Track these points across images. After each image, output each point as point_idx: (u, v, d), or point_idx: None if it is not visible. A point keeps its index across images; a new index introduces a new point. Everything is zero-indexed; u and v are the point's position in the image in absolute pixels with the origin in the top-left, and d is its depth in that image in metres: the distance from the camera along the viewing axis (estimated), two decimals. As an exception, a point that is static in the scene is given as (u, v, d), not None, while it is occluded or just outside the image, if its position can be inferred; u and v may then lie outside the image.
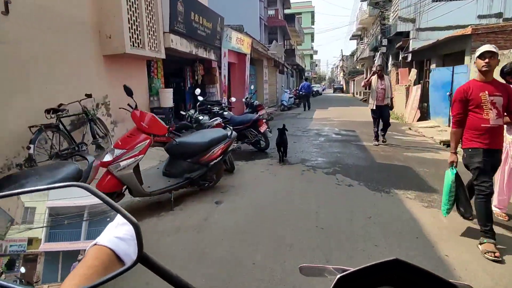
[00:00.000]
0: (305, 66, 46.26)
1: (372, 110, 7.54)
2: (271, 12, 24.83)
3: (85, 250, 0.53)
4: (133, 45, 5.98)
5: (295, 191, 4.24)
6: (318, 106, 19.93)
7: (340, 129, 9.85)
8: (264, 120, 6.59)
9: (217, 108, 7.24)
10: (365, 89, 9.43)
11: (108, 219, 0.56)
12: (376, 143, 7.35)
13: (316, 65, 74.27)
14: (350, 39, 48.85)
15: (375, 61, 18.37)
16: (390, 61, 18.91)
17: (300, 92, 19.86)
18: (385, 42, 17.69)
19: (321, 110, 17.79)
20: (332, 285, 0.54)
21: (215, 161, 3.98)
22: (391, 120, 11.33)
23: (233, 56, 12.48)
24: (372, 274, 0.55)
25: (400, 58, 19.19)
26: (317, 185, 4.46)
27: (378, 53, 17.79)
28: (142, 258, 0.52)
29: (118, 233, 0.53)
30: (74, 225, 0.59)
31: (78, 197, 0.56)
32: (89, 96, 5.03)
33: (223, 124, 5.21)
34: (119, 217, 0.54)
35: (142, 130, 3.45)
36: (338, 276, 0.54)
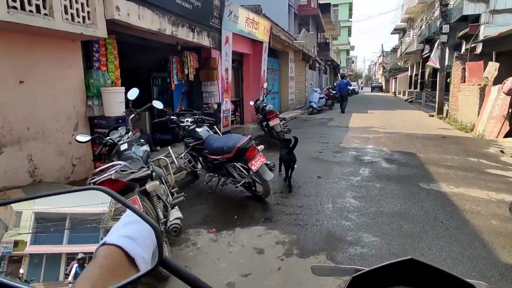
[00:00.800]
0: (340, 62, 42.21)
1: None
2: (303, 2, 21.49)
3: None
4: (20, 8, 3.26)
5: None
6: (355, 108, 16.44)
7: (392, 150, 6.56)
8: (257, 149, 3.59)
9: (189, 120, 4.37)
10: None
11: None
12: None
13: (353, 62, 69.14)
14: (392, 33, 44.60)
15: (431, 54, 14.52)
16: (447, 53, 14.92)
17: (337, 92, 16.47)
18: (446, 28, 13.80)
19: (359, 114, 14.32)
20: (347, 284, 0.54)
21: None
22: (452, 133, 7.86)
23: (244, 44, 9.55)
24: (387, 274, 0.54)
25: (463, 49, 15.20)
26: None
27: (437, 43, 13.94)
28: (162, 261, 0.51)
29: (125, 232, 0.51)
30: (91, 228, 0.60)
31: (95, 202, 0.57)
32: None
33: (132, 180, 2.25)
34: (125, 217, 0.54)
35: None
36: (353, 275, 0.54)
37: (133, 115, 3.33)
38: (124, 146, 2.82)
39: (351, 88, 21.32)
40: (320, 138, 8.18)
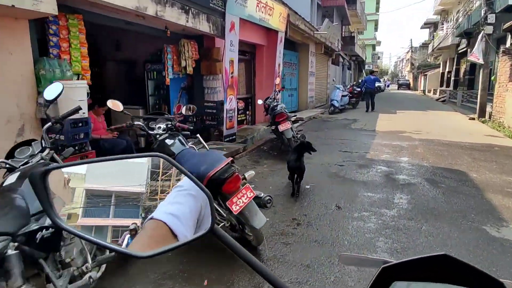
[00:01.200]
0: (365, 57, 39.97)
1: None
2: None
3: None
4: None
5: None
6: (381, 107, 14.82)
7: (434, 166, 5.16)
8: (243, 178, 2.41)
9: (161, 126, 3.23)
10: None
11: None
12: None
13: (379, 58, 66.01)
14: (422, 28, 42.08)
15: (474, 48, 12.64)
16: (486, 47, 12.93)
17: (361, 88, 14.97)
18: (491, 18, 11.94)
19: (387, 115, 12.76)
20: (375, 275, 0.53)
21: None
22: (502, 141, 6.43)
23: (257, 33, 8.33)
24: (418, 268, 0.54)
25: (508, 43, 13.25)
26: None
27: (480, 35, 12.10)
28: (213, 230, 0.53)
29: (170, 210, 0.55)
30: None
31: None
32: None
33: None
34: (170, 196, 0.58)
35: None
36: (382, 266, 0.53)
37: (49, 124, 2.19)
38: (10, 180, 1.70)
39: (379, 85, 19.58)
40: (342, 145, 6.85)
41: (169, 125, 3.16)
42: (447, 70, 27.55)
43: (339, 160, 5.54)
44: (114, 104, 3.09)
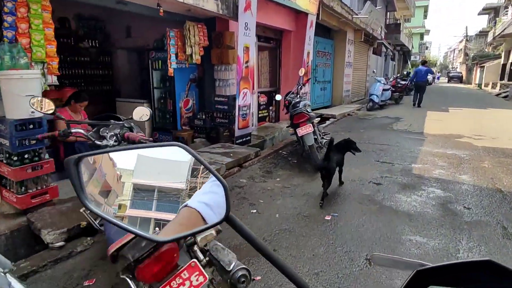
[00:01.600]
0: (412, 47, 36.59)
1: None
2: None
3: None
4: None
5: None
6: (430, 103, 12.92)
7: (511, 191, 3.74)
8: (189, 248, 1.37)
9: (113, 135, 2.26)
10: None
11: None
12: None
13: (427, 48, 60.78)
14: (479, 14, 37.88)
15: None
16: None
17: (411, 81, 13.27)
18: None
19: (437, 112, 10.95)
20: (408, 278, 0.51)
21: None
22: None
23: (284, 16, 7.17)
24: (456, 273, 0.50)
25: None
26: None
27: None
28: (228, 218, 0.55)
29: (204, 199, 0.60)
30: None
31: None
32: None
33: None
34: (205, 186, 0.63)
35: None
36: (417, 269, 0.51)
37: None
38: None
39: (431, 77, 17.39)
40: (380, 152, 5.53)
41: (118, 135, 2.20)
42: (510, 61, 24.16)
43: (376, 175, 4.29)
44: (42, 104, 2.18)
